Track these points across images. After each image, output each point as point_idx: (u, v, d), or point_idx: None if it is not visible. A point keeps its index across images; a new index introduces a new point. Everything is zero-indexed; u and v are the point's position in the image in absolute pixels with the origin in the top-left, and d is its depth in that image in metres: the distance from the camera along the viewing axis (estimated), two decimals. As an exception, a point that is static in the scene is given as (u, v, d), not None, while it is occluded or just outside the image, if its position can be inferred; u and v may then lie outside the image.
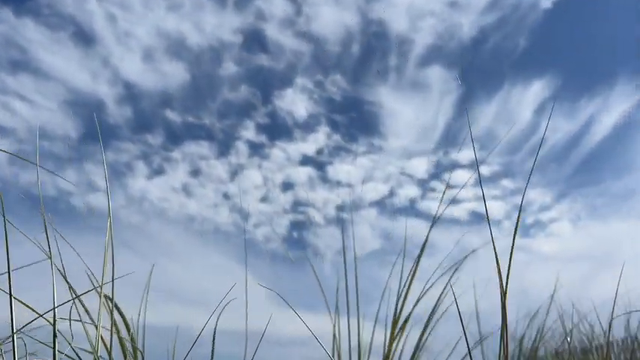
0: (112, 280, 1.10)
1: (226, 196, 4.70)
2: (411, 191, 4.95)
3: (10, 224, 0.99)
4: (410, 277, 2.23)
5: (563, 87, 5.20)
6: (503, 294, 1.04)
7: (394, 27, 4.78)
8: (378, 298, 2.15)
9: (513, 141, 5.06)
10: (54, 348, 1.09)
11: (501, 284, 1.03)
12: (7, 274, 1.01)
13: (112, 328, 1.24)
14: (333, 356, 2.28)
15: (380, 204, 5.00)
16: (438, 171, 4.95)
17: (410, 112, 4.88)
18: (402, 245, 2.19)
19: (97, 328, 1.26)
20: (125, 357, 1.77)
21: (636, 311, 2.14)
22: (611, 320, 2.36)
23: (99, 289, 1.09)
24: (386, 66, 4.90)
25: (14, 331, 1.00)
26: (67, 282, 1.17)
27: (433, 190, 4.92)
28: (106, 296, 1.22)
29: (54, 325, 1.02)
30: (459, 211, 4.88)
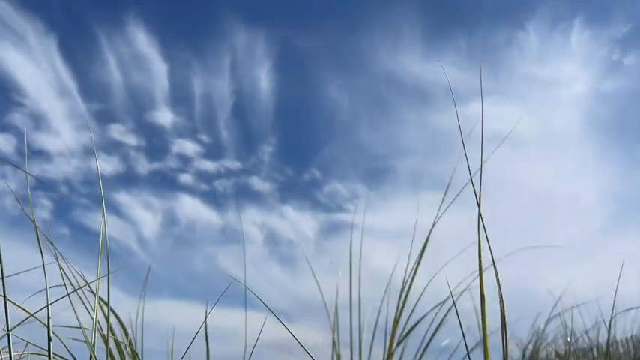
0: (108, 279, 1.09)
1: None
2: (145, 163, 4.47)
3: None
4: (411, 277, 2.21)
5: (171, 32, 4.57)
6: (499, 290, 1.02)
7: None
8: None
9: (183, 98, 4.56)
10: (49, 349, 1.07)
11: (498, 278, 1.01)
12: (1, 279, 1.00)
13: (108, 331, 1.23)
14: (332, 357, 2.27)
15: (128, 180, 4.48)
16: (153, 138, 4.49)
17: (26, 64, 4.32)
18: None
19: (93, 320, 1.24)
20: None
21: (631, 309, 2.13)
22: (611, 319, 2.34)
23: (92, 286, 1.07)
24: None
25: (9, 329, 0.98)
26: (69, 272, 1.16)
27: (165, 159, 4.46)
28: (100, 299, 1.20)
29: (48, 323, 1.00)
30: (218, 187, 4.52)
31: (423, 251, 2.13)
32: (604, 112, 4.14)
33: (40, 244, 1.03)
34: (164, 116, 4.52)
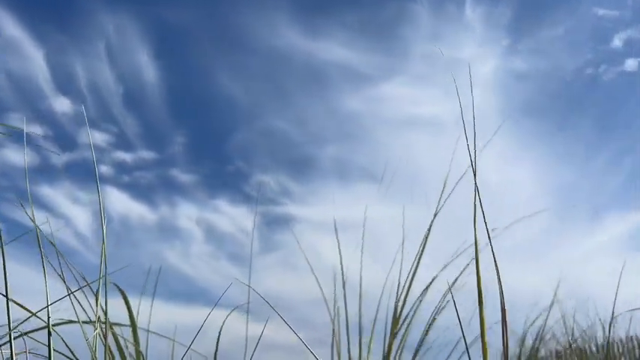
0: (105, 281, 1.12)
1: None
2: (59, 154, 4.39)
3: None
4: (411, 275, 2.23)
5: (37, 14, 4.32)
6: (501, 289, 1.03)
7: None
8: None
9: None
10: (49, 346, 1.11)
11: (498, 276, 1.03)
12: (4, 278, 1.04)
13: (107, 328, 1.26)
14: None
15: (46, 172, 4.36)
16: (57, 127, 4.31)
17: None
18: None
19: (94, 326, 1.28)
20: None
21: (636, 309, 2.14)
22: (612, 320, 2.35)
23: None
24: None
25: (11, 329, 1.02)
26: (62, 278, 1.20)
27: (77, 149, 4.27)
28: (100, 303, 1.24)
29: (48, 322, 1.04)
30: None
31: (420, 255, 2.16)
32: (517, 96, 3.98)
33: (40, 245, 1.06)
34: (60, 104, 4.43)
